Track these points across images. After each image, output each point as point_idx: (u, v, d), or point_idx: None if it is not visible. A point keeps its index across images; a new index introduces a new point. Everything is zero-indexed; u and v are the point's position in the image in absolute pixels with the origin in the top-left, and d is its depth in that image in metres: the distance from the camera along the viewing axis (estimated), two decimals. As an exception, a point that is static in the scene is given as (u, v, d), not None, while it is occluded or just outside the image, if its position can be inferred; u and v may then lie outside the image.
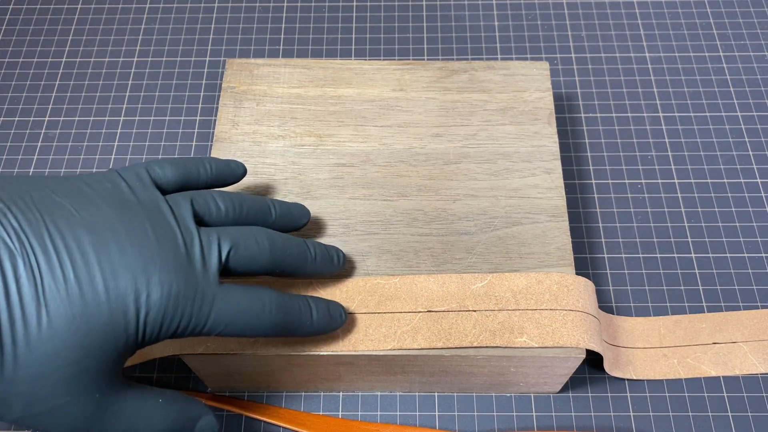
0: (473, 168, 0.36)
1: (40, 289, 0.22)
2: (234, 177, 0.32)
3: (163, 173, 0.29)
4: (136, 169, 0.28)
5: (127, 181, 0.27)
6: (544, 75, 0.39)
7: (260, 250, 0.28)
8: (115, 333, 0.24)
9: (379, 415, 0.36)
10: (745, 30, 0.50)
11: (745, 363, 0.37)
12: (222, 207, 0.29)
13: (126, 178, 0.27)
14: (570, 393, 0.37)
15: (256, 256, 0.28)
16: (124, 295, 0.24)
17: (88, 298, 0.23)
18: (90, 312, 0.23)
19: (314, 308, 0.29)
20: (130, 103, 0.47)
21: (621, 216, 0.42)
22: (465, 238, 0.34)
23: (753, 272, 0.40)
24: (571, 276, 0.32)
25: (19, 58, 0.49)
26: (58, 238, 0.23)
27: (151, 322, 0.24)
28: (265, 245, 0.28)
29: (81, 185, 0.26)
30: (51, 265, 0.23)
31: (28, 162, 0.45)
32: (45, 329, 0.22)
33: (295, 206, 0.32)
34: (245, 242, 0.27)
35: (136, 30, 0.51)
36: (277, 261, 0.29)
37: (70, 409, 0.23)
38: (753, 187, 0.43)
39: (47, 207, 0.24)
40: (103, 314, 0.23)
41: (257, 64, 0.40)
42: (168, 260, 0.25)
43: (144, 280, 0.24)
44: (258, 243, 0.28)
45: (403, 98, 0.38)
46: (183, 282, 0.25)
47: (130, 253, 0.24)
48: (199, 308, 0.25)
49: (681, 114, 0.46)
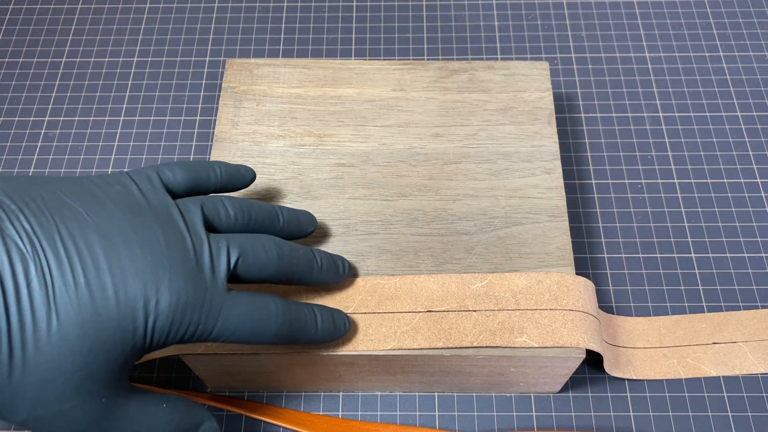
0: (473, 168, 0.36)
1: (51, 293, 0.22)
2: (243, 182, 0.32)
3: (173, 177, 0.29)
4: (146, 172, 0.28)
5: (138, 185, 0.27)
6: (544, 75, 0.39)
7: (268, 258, 0.28)
8: (123, 338, 0.23)
9: (379, 415, 0.36)
10: (745, 30, 0.50)
11: (745, 363, 0.37)
12: (231, 213, 0.29)
13: (137, 181, 0.27)
14: (570, 393, 0.37)
15: (264, 264, 0.28)
16: (134, 301, 0.24)
17: (97, 303, 0.23)
18: (99, 317, 0.23)
19: (319, 317, 0.29)
20: (130, 103, 0.47)
21: (621, 216, 0.42)
22: (465, 238, 0.34)
23: (753, 272, 0.40)
24: (571, 276, 0.32)
25: (19, 58, 0.49)
26: (70, 242, 0.23)
27: (159, 329, 0.24)
28: (273, 253, 0.28)
29: (92, 187, 0.26)
30: (62, 269, 0.23)
31: (28, 162, 0.45)
32: (54, 333, 0.22)
33: (302, 213, 0.32)
34: (254, 250, 0.27)
35: (136, 30, 0.51)
36: (284, 269, 0.29)
37: (76, 413, 0.23)
38: (753, 187, 0.43)
39: (59, 210, 0.24)
40: (112, 320, 0.23)
41: (257, 64, 0.40)
42: (177, 267, 0.25)
43: (153, 286, 0.24)
44: (266, 251, 0.28)
45: (403, 98, 0.38)
46: (192, 289, 0.25)
47: (141, 259, 0.24)
48: (206, 315, 0.25)
49: (681, 114, 0.46)
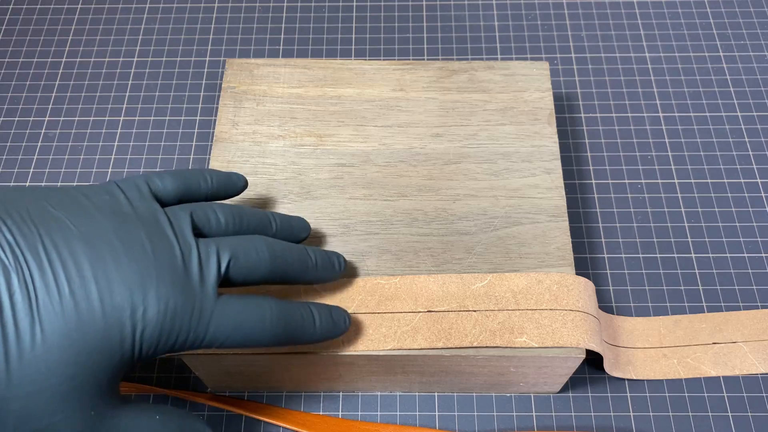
0: (473, 168, 0.36)
1: (35, 304, 0.22)
2: (235, 189, 0.31)
3: (162, 185, 0.28)
4: (135, 181, 0.28)
5: (126, 193, 0.27)
6: (544, 75, 0.39)
7: (260, 259, 0.28)
8: (110, 349, 0.23)
9: (379, 415, 0.36)
10: (745, 30, 0.50)
11: (745, 363, 0.37)
12: (222, 219, 0.28)
13: (125, 189, 0.27)
14: (570, 393, 0.37)
15: (256, 266, 0.28)
16: (120, 311, 0.23)
17: (83, 312, 0.23)
18: (85, 327, 0.23)
19: (317, 316, 0.29)
20: (130, 103, 0.47)
21: (621, 216, 0.42)
22: (465, 238, 0.34)
23: (753, 272, 0.40)
24: (571, 276, 0.32)
25: (19, 58, 0.49)
26: (54, 252, 0.23)
27: (147, 339, 0.24)
28: (265, 254, 0.28)
29: (79, 197, 0.26)
30: (46, 279, 0.22)
31: (28, 162, 0.45)
32: (39, 345, 0.22)
33: (295, 219, 0.32)
34: (245, 252, 0.27)
35: (136, 30, 0.51)
36: (277, 270, 0.28)
37: (63, 427, 0.23)
38: (753, 187, 0.43)
39: (43, 220, 0.24)
40: (98, 330, 0.23)
41: (257, 64, 0.40)
42: (165, 274, 0.24)
43: (140, 294, 0.24)
44: (258, 252, 0.28)
45: (403, 98, 0.38)
46: (180, 296, 0.24)
47: (127, 267, 0.24)
48: (197, 323, 0.25)
49: (681, 114, 0.46)
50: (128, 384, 0.37)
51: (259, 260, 0.28)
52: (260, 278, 0.28)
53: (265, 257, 0.28)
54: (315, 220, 0.35)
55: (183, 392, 0.37)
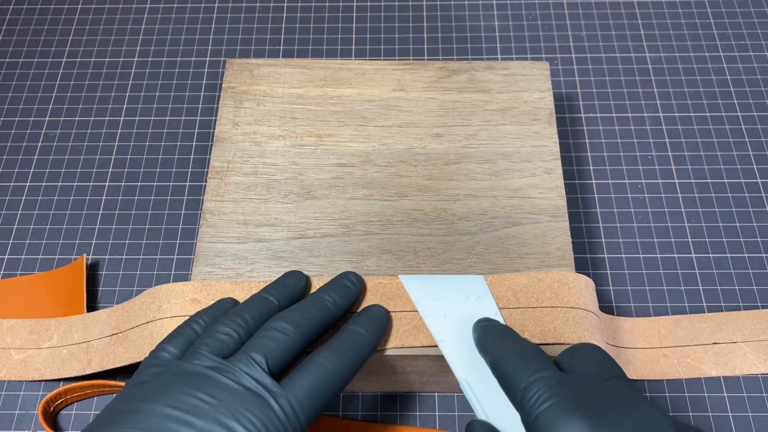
0: (473, 168, 0.36)
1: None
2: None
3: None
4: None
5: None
6: (544, 75, 0.39)
7: (289, 336, 0.28)
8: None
9: (379, 415, 0.36)
10: (745, 30, 0.50)
11: (745, 363, 0.37)
12: (234, 334, 0.28)
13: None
14: (570, 393, 0.37)
15: (289, 345, 0.28)
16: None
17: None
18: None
19: (361, 330, 0.29)
20: (130, 103, 0.47)
21: (621, 216, 0.42)
22: (465, 238, 0.34)
23: (753, 272, 0.40)
24: (572, 274, 0.32)
25: (19, 58, 0.50)
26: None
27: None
28: (290, 329, 0.28)
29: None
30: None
31: (28, 162, 0.45)
32: None
33: (288, 278, 0.32)
34: (274, 340, 0.27)
35: (136, 30, 0.51)
36: (308, 334, 0.28)
37: None
38: (753, 187, 0.43)
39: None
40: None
41: (257, 64, 0.40)
42: (239, 412, 0.25)
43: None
44: (283, 331, 0.28)
45: (403, 98, 0.38)
46: (259, 413, 0.25)
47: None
48: (287, 425, 0.26)
49: (681, 114, 0.46)
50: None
51: (289, 338, 0.28)
52: (300, 351, 0.28)
53: (292, 331, 0.28)
54: (315, 220, 0.35)
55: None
